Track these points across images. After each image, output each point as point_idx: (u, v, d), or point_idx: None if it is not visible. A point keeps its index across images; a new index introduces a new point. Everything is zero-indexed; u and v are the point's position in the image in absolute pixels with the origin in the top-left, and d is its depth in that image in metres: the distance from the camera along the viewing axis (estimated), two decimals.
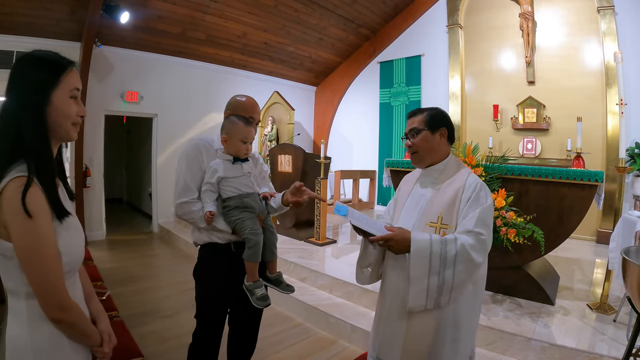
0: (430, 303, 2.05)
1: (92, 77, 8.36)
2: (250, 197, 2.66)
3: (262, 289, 2.64)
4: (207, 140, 2.81)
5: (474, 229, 2.05)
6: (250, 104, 2.93)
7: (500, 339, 3.81)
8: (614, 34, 7.87)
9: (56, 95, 1.45)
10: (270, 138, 11.45)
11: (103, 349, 1.62)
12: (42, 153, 1.42)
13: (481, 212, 2.09)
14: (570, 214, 4.38)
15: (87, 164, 8.61)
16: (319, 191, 6.91)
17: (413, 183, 2.46)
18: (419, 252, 2.01)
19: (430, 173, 2.35)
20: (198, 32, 9.47)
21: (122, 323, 3.33)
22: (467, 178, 2.22)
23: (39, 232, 1.34)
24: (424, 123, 2.29)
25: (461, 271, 2.02)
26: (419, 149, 2.31)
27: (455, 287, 2.05)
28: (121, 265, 6.99)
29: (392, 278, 2.28)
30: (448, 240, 2.03)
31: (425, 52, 10.99)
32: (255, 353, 4.09)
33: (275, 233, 2.92)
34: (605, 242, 7.25)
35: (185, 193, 2.65)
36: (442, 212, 2.17)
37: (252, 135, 2.70)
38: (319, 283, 5.51)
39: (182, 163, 2.70)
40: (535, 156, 8.82)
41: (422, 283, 2.03)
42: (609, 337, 3.67)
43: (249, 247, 2.58)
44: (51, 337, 1.43)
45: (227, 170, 2.62)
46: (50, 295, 1.39)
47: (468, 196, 2.14)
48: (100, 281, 4.44)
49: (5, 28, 7.33)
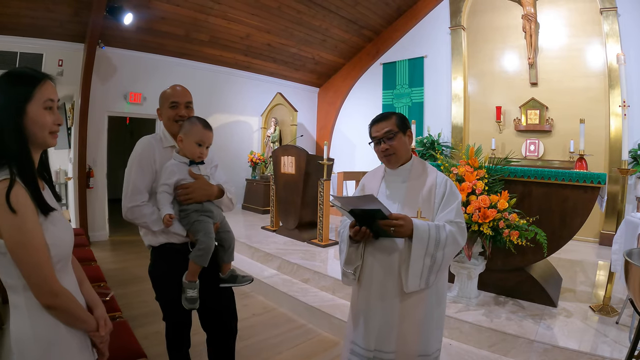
0: (422, 282, 2.26)
1: (96, 78, 8.39)
2: (209, 202, 2.66)
3: (194, 292, 2.58)
4: (159, 136, 2.77)
5: (455, 219, 2.32)
6: (179, 90, 2.80)
7: (503, 341, 3.81)
8: (616, 36, 7.87)
9: (31, 107, 1.56)
10: (273, 139, 11.47)
11: (99, 333, 1.73)
12: (23, 160, 1.54)
13: (457, 205, 2.37)
14: (573, 215, 4.38)
15: (91, 165, 8.64)
16: (322, 192, 6.92)
17: (379, 180, 2.64)
18: (421, 237, 2.20)
19: (400, 172, 2.53)
20: (201, 34, 9.50)
21: (126, 323, 3.34)
22: (437, 176, 2.46)
23: (24, 227, 1.46)
24: (396, 126, 2.44)
25: (448, 252, 2.27)
26: (396, 151, 2.46)
27: (442, 267, 2.30)
28: (124, 265, 7.00)
29: (378, 268, 2.38)
30: (439, 226, 2.26)
31: (428, 53, 10.99)
32: (258, 354, 4.10)
33: (233, 235, 2.88)
34: (607, 244, 7.22)
35: (135, 197, 2.60)
36: (421, 207, 2.38)
37: (209, 139, 2.64)
38: (322, 284, 5.52)
39: (133, 164, 2.65)
40: (538, 158, 8.81)
41: (419, 264, 2.23)
42: (611, 339, 3.67)
43: (199, 248, 2.54)
44: (51, 325, 1.55)
45: (185, 173, 2.58)
46: (40, 283, 1.50)
47: (442, 192, 2.40)
48: (104, 282, 4.44)
49: (8, 29, 7.37)
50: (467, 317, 4.10)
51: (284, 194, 7.84)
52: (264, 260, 6.69)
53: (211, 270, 2.75)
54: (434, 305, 2.37)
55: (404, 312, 2.31)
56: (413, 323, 2.31)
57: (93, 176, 8.71)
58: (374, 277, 2.39)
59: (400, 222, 2.18)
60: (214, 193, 2.66)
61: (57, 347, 1.55)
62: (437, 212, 2.37)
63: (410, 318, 2.31)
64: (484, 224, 3.99)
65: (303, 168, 7.36)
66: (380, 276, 2.36)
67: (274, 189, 8.23)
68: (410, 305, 2.31)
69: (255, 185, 11.15)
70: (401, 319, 2.31)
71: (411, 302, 2.31)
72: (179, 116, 2.71)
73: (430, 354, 2.36)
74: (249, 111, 11.97)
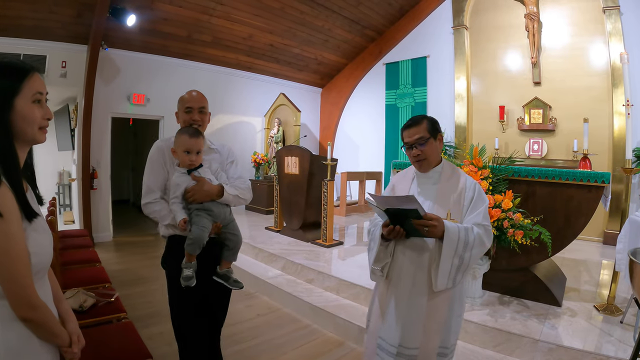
0: (450, 282, 2.35)
1: (99, 79, 8.40)
2: (210, 202, 2.78)
3: (190, 271, 2.71)
4: (169, 140, 2.91)
5: (482, 222, 2.40)
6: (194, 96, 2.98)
7: (508, 341, 3.81)
8: (619, 34, 7.85)
9: (19, 102, 1.47)
10: (277, 140, 11.47)
11: (72, 349, 1.64)
12: (8, 158, 1.44)
13: (484, 208, 2.47)
14: (577, 215, 4.38)
15: (94, 166, 8.65)
16: (327, 193, 6.93)
17: (409, 182, 2.71)
18: (451, 238, 2.29)
19: (431, 175, 2.60)
20: (204, 35, 9.51)
21: (131, 324, 3.35)
22: (467, 180, 2.56)
23: (8, 232, 1.37)
24: (428, 132, 2.51)
25: (475, 254, 2.36)
26: (428, 156, 2.53)
27: (468, 268, 2.39)
28: (128, 266, 7.02)
29: (408, 266, 2.47)
30: (468, 228, 2.35)
31: (431, 53, 10.99)
32: (262, 355, 4.11)
33: (240, 238, 3.01)
34: (612, 244, 7.23)
35: (149, 195, 2.84)
36: (451, 209, 2.45)
37: (197, 145, 2.74)
38: (326, 284, 5.53)
39: (147, 168, 2.89)
40: (542, 157, 8.81)
41: (448, 264, 2.32)
42: (615, 339, 3.67)
43: (190, 238, 2.68)
44: (21, 336, 1.45)
45: (187, 181, 2.73)
46: (19, 295, 1.41)
47: (471, 195, 2.50)
48: (108, 283, 4.44)
49: (11, 31, 7.39)
50: (471, 317, 4.10)
51: (288, 194, 7.84)
52: (268, 260, 6.70)
53: (212, 264, 2.93)
54: (457, 302, 2.48)
55: (430, 310, 2.41)
56: (437, 320, 2.41)
57: (97, 177, 8.72)
58: (403, 275, 2.49)
59: (434, 222, 2.25)
60: (214, 192, 2.78)
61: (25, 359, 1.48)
62: (466, 214, 2.48)
63: (435, 315, 2.41)
64: None
65: (307, 168, 7.36)
66: (410, 274, 2.46)
67: (277, 190, 8.23)
68: (437, 303, 2.41)
69: (258, 185, 11.15)
70: (427, 316, 2.41)
71: (437, 300, 2.41)
72: (193, 120, 2.89)
73: (449, 346, 2.48)
74: (252, 112, 11.98)
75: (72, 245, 5.59)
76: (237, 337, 4.51)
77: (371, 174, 11.49)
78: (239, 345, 4.33)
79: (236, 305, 5.31)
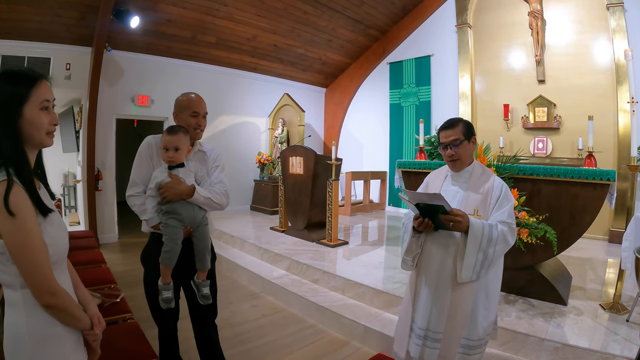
0: (474, 275, 2.54)
1: (103, 81, 8.44)
2: (180, 203, 2.80)
3: (169, 292, 2.82)
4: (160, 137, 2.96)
5: (507, 220, 2.59)
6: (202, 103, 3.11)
7: (513, 339, 3.81)
8: (623, 31, 7.83)
9: (27, 109, 1.56)
10: (281, 140, 11.49)
11: (94, 331, 1.75)
12: (19, 161, 1.55)
13: (510, 207, 2.65)
14: (582, 213, 4.36)
15: (99, 168, 8.69)
16: (331, 192, 6.93)
17: (442, 179, 2.94)
18: (475, 233, 2.49)
19: (462, 174, 2.83)
20: (208, 36, 9.53)
21: (137, 324, 3.37)
22: (495, 180, 2.75)
23: (23, 228, 1.48)
24: (462, 134, 2.74)
25: (499, 250, 2.55)
26: (461, 157, 2.76)
27: (492, 263, 2.57)
28: (133, 267, 7.02)
29: (436, 256, 2.69)
30: (492, 225, 2.54)
31: (434, 52, 10.98)
32: (268, 355, 4.12)
33: (205, 245, 3.00)
34: (617, 242, 7.20)
35: (132, 188, 2.92)
36: (478, 207, 2.67)
37: (174, 142, 2.79)
38: (331, 284, 5.53)
39: (135, 161, 2.97)
40: (547, 155, 8.78)
41: (472, 258, 2.51)
42: (621, 337, 3.66)
43: (165, 251, 2.76)
44: (46, 323, 1.57)
45: (164, 178, 2.79)
46: (40, 283, 1.52)
47: (497, 195, 2.69)
48: (114, 283, 4.46)
49: (16, 34, 7.43)
50: None
51: (293, 194, 7.85)
52: (273, 260, 6.71)
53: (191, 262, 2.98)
54: (482, 296, 2.64)
55: (454, 299, 2.61)
56: (461, 310, 2.60)
57: (102, 179, 8.76)
58: (431, 265, 2.72)
59: (459, 218, 2.46)
60: (185, 192, 2.80)
61: (50, 344, 1.58)
62: (492, 211, 2.67)
63: (459, 305, 2.60)
64: None
65: (311, 168, 7.36)
66: (437, 264, 2.68)
67: (282, 190, 8.24)
68: (461, 294, 2.60)
69: (263, 186, 11.17)
70: (452, 305, 2.62)
71: (462, 292, 2.60)
72: (198, 125, 3.03)
73: (476, 339, 2.65)
74: (257, 112, 12.00)
75: (78, 247, 5.61)
76: (243, 337, 4.52)
77: (376, 173, 11.50)
78: (244, 345, 4.33)
79: (241, 305, 5.32)
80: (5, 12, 6.88)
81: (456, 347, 2.63)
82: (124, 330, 3.27)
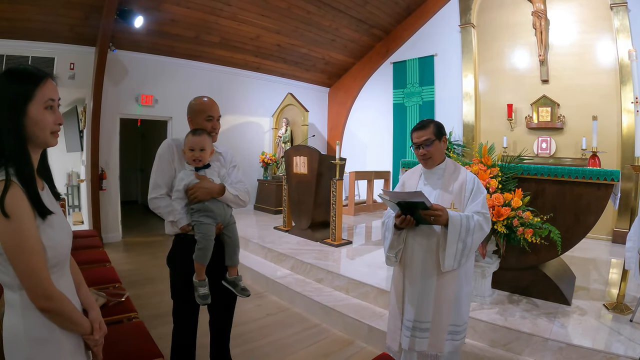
0: (456, 263, 2.72)
1: (107, 81, 8.46)
2: (211, 202, 2.90)
3: (205, 289, 2.90)
4: (179, 140, 3.06)
5: (481, 210, 2.78)
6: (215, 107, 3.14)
7: (517, 339, 3.81)
8: (627, 31, 7.81)
9: (32, 108, 1.54)
10: (285, 140, 11.49)
11: (94, 336, 1.73)
12: (20, 161, 1.52)
13: (483, 198, 2.84)
14: (586, 213, 4.36)
15: (103, 167, 8.70)
16: (335, 192, 6.93)
17: (417, 178, 3.12)
18: (455, 225, 2.65)
19: (435, 171, 3.01)
20: (212, 35, 9.55)
21: (142, 324, 3.37)
22: (467, 174, 2.95)
23: (19, 229, 1.45)
24: (434, 134, 2.91)
25: (476, 238, 2.72)
26: (432, 155, 2.93)
27: (470, 251, 2.75)
28: (138, 267, 7.06)
29: (419, 250, 2.85)
30: (469, 216, 2.71)
31: (438, 51, 10.97)
32: (272, 354, 4.13)
33: (236, 242, 3.12)
34: (621, 242, 7.19)
35: (155, 190, 2.94)
36: (454, 200, 2.84)
37: (200, 142, 2.88)
38: (335, 284, 5.54)
39: (155, 163, 3.00)
40: (550, 155, 8.77)
41: (453, 248, 2.68)
42: (625, 337, 3.66)
43: (198, 248, 2.85)
44: (44, 325, 1.55)
45: (191, 178, 2.88)
46: (35, 286, 1.50)
47: (471, 187, 2.88)
48: (119, 283, 4.48)
49: (20, 34, 7.46)
50: (481, 316, 4.10)
51: (297, 194, 7.86)
52: (277, 260, 6.72)
53: (220, 269, 3.06)
54: (463, 283, 2.85)
55: (439, 288, 2.78)
56: (446, 298, 2.78)
57: (106, 178, 8.77)
58: (414, 258, 2.87)
59: (439, 212, 2.61)
60: (215, 190, 2.91)
61: (48, 347, 1.56)
62: (467, 204, 2.85)
63: (444, 292, 2.78)
64: (498, 222, 3.99)
65: (315, 168, 7.37)
66: (421, 257, 2.84)
67: (286, 189, 8.25)
68: (445, 282, 2.78)
69: (267, 185, 11.18)
70: (437, 294, 2.78)
71: (445, 280, 2.77)
72: (213, 128, 3.06)
73: (460, 324, 2.85)
74: (260, 112, 12.00)
75: (82, 246, 5.63)
76: (247, 336, 4.53)
77: (379, 173, 11.48)
78: (248, 344, 4.34)
79: (245, 305, 5.33)
80: (9, 11, 6.91)
81: (444, 334, 2.79)
82: (129, 329, 3.27)
